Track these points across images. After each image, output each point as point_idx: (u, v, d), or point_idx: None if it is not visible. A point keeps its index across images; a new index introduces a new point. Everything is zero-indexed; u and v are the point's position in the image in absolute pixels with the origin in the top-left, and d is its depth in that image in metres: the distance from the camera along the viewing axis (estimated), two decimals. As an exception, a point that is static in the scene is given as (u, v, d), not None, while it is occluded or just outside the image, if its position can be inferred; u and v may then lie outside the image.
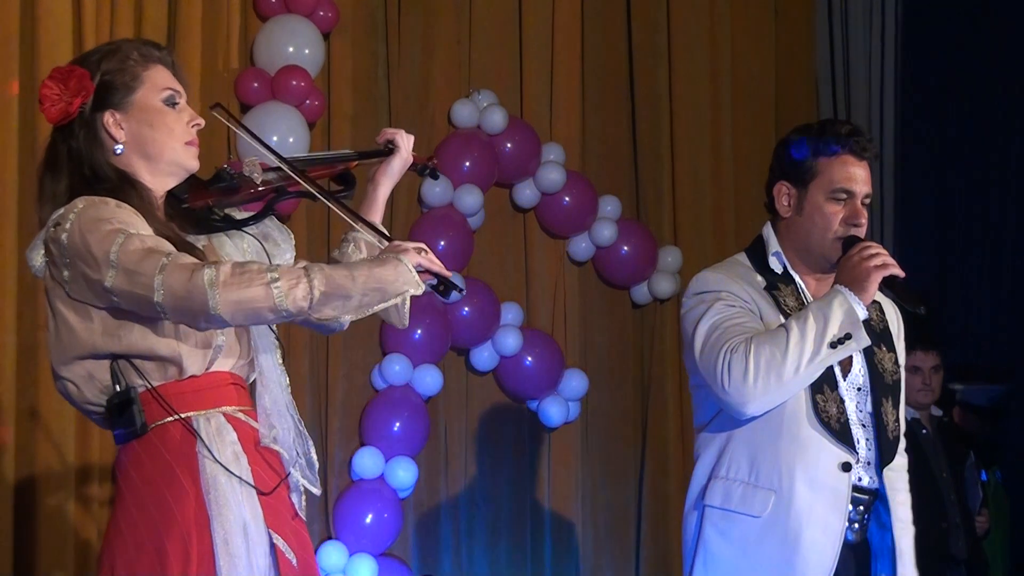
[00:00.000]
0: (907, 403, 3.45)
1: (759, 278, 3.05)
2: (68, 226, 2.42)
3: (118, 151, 2.53)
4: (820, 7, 6.47)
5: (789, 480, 2.93)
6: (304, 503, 2.65)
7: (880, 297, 3.20)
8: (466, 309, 5.30)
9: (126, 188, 2.51)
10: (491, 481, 5.50)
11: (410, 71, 5.49)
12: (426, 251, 2.46)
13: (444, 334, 5.26)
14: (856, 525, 3.00)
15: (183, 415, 2.48)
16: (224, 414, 2.53)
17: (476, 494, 5.47)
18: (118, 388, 2.47)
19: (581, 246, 5.69)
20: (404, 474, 5.09)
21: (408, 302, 2.56)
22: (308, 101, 4.95)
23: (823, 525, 2.93)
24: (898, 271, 2.87)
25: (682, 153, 5.94)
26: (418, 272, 2.43)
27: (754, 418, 2.95)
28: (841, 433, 2.95)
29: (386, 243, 2.54)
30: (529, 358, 5.45)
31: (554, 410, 5.48)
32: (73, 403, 2.55)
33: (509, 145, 5.50)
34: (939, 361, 5.15)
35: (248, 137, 2.68)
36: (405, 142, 2.82)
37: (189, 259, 2.39)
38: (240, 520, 2.47)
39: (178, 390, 2.49)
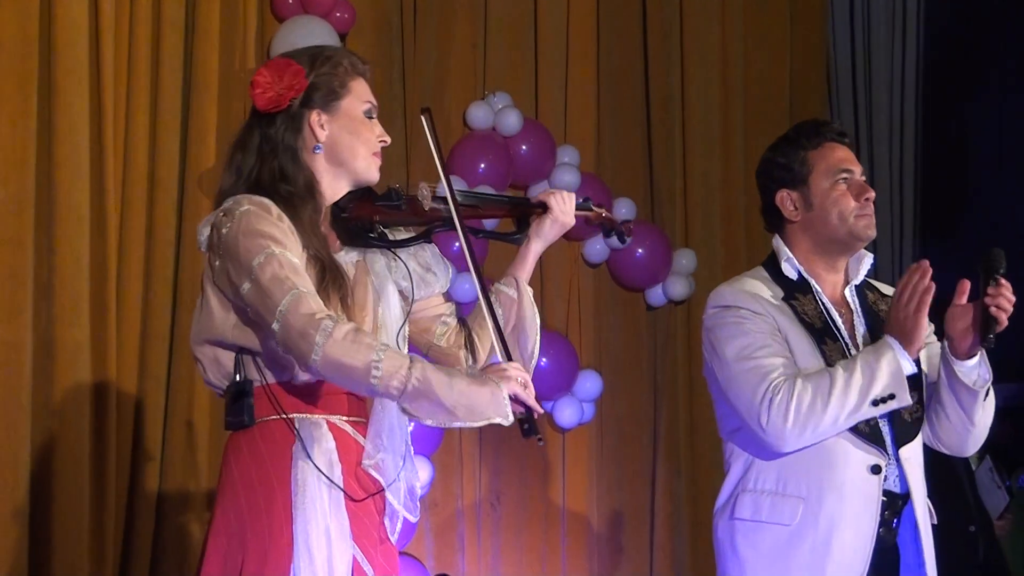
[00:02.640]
0: None
1: (777, 289, 3.07)
2: (231, 223, 2.51)
3: (318, 150, 2.64)
4: (840, 12, 6.46)
5: (817, 487, 2.93)
6: (398, 529, 2.67)
7: (892, 291, 3.21)
8: (481, 310, 5.31)
9: (306, 196, 2.60)
10: (505, 481, 5.51)
11: (426, 73, 5.51)
12: (527, 385, 2.46)
13: (459, 335, 5.27)
14: (881, 529, 2.97)
15: (289, 415, 2.55)
16: (328, 421, 2.58)
17: (491, 494, 5.48)
18: (237, 378, 2.56)
19: (596, 248, 5.70)
20: (420, 473, 5.08)
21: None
22: (325, 101, 4.97)
23: (854, 528, 2.92)
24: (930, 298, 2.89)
25: (693, 156, 5.96)
26: (512, 402, 2.43)
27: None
28: (871, 435, 2.95)
29: (504, 357, 2.54)
30: (544, 359, 5.45)
31: (569, 411, 5.48)
32: (205, 378, 2.65)
33: (524, 147, 5.51)
34: None
35: (436, 157, 2.70)
36: (558, 204, 2.84)
37: (316, 303, 2.44)
38: (324, 524, 2.51)
39: (291, 390, 2.56)
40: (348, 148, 2.65)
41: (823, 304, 3.06)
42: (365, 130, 2.67)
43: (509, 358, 2.54)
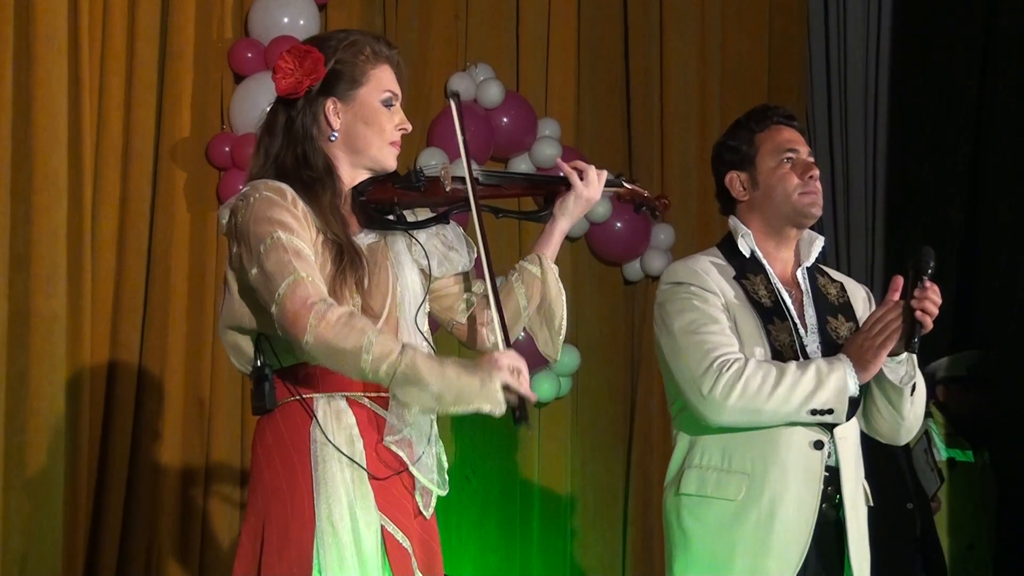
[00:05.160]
0: None
1: (729, 268, 3.13)
2: (246, 209, 2.55)
3: (333, 138, 2.67)
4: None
5: (762, 463, 3.00)
6: (432, 505, 2.66)
7: (843, 278, 3.30)
8: (459, 283, 5.30)
9: (326, 180, 2.63)
10: (480, 454, 5.52)
11: (407, 44, 5.46)
12: (521, 372, 2.46)
13: (436, 307, 5.26)
14: (824, 504, 3.03)
15: (304, 395, 2.58)
16: (347, 398, 2.59)
17: (465, 467, 5.49)
18: (258, 364, 2.60)
19: (574, 221, 5.68)
20: (394, 446, 5.10)
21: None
22: (302, 73, 4.93)
23: (797, 503, 2.98)
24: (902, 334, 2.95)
25: (672, 132, 5.96)
26: (504, 391, 2.43)
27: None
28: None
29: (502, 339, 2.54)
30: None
31: (545, 385, 5.49)
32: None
33: (505, 119, 5.49)
34: None
35: (460, 139, 2.72)
36: (583, 179, 2.82)
37: (315, 288, 2.46)
38: (347, 499, 2.53)
39: (307, 372, 2.58)
40: (362, 138, 2.67)
41: (774, 284, 3.12)
42: (382, 119, 2.68)
43: (508, 345, 2.53)
